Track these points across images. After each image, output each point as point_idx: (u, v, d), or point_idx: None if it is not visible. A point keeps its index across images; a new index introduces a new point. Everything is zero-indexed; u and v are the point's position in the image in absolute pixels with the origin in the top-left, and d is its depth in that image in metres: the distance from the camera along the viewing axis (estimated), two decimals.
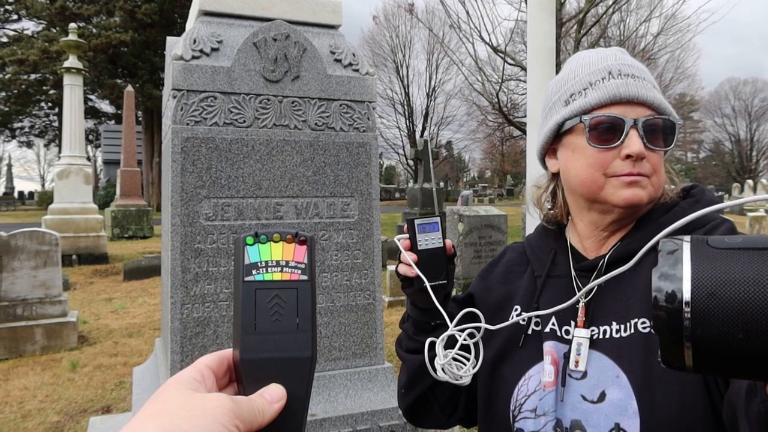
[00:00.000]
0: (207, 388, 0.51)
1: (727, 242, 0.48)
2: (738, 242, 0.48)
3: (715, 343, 0.45)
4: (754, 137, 51.82)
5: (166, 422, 0.44)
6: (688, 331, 0.46)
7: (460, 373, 0.99)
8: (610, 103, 0.95)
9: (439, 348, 1.00)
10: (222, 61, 2.32)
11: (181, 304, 2.22)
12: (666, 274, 0.48)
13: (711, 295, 0.45)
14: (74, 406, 4.58)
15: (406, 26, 38.06)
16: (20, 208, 39.53)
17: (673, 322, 0.47)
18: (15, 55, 28.52)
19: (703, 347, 0.46)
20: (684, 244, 0.49)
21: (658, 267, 0.49)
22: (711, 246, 0.48)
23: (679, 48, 25.40)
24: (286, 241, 0.56)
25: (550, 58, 3.92)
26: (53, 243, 6.07)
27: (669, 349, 0.48)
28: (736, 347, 0.45)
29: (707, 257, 0.47)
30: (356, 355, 2.48)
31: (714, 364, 0.47)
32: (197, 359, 0.55)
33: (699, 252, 0.48)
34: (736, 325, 0.44)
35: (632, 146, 0.93)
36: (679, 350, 0.47)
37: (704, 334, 0.45)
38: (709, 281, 0.46)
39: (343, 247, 2.46)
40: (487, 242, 7.91)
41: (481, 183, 52.96)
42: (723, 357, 0.46)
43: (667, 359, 0.49)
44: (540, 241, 1.14)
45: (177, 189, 2.23)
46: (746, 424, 0.70)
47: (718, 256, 0.47)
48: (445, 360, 0.98)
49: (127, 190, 16.25)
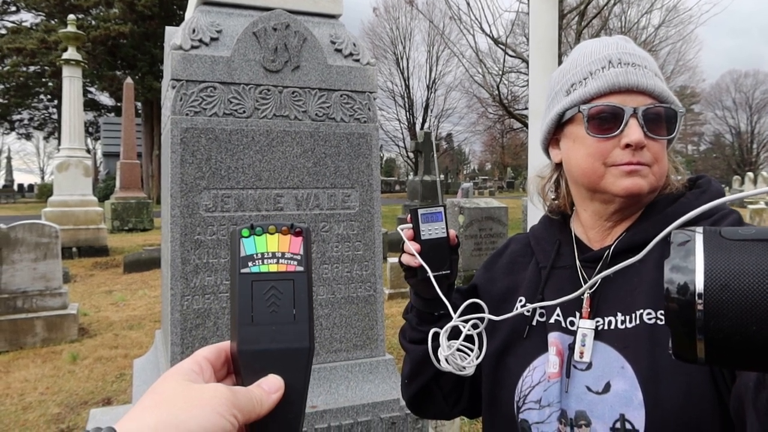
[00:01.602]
0: (205, 379, 0.51)
1: (740, 233, 0.47)
2: (752, 233, 0.47)
3: (728, 335, 0.45)
4: (755, 130, 51.80)
5: (164, 413, 0.44)
6: (701, 323, 0.45)
7: (464, 363, 0.99)
8: (609, 92, 0.94)
9: (443, 339, 0.99)
10: (221, 50, 2.30)
11: (181, 296, 2.21)
12: (678, 266, 0.47)
13: (724, 287, 0.44)
14: (75, 399, 4.59)
15: (406, 18, 38.00)
16: (20, 200, 39.52)
17: (685, 314, 0.46)
18: (13, 44, 28.42)
19: (715, 339, 0.45)
20: (696, 235, 0.48)
21: (670, 259, 0.48)
22: (724, 237, 0.47)
23: (681, 40, 25.37)
24: (282, 232, 0.56)
25: (552, 49, 3.89)
26: (53, 235, 6.06)
27: (681, 341, 0.47)
28: (750, 339, 0.44)
29: (720, 248, 0.46)
30: (357, 346, 2.47)
31: (726, 356, 0.46)
32: (195, 351, 0.55)
33: (712, 243, 0.47)
34: (750, 317, 0.44)
35: (631, 135, 0.92)
36: (692, 343, 0.46)
37: (717, 326, 0.45)
38: (722, 273, 0.45)
39: (343, 239, 2.45)
40: (488, 234, 7.91)
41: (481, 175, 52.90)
42: (735, 349, 0.45)
43: (679, 352, 0.48)
44: (544, 231, 1.13)
45: (176, 180, 2.22)
46: (754, 416, 0.69)
47: (732, 247, 0.46)
48: (449, 351, 0.98)
49: (127, 182, 16.24)
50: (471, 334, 1.01)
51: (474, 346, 1.00)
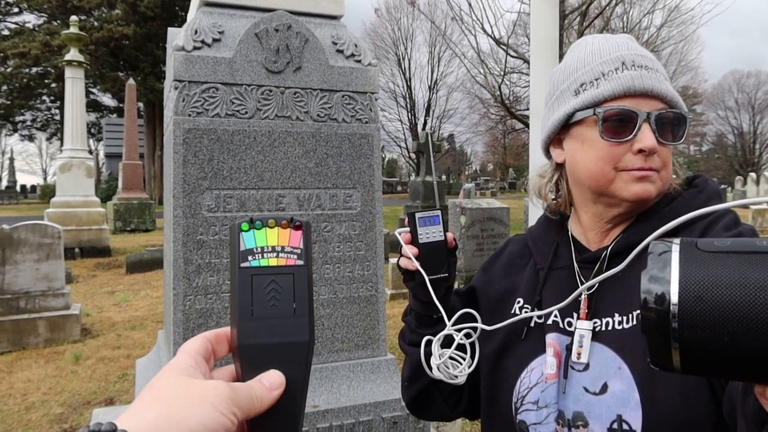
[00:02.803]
0: (201, 373, 0.51)
1: (716, 245, 0.48)
2: (726, 245, 0.48)
3: (701, 345, 0.46)
4: (758, 130, 51.64)
5: (164, 409, 0.44)
6: (676, 333, 0.46)
7: (455, 372, 0.99)
8: (623, 95, 0.93)
9: (435, 347, 0.99)
10: (224, 51, 2.31)
11: (183, 296, 2.22)
12: (655, 277, 0.48)
13: (698, 299, 0.45)
14: (78, 398, 4.60)
15: (408, 18, 37.98)
16: (23, 201, 39.58)
17: (661, 323, 0.47)
18: (17, 48, 28.46)
19: (690, 349, 0.46)
20: (674, 246, 0.49)
21: (648, 269, 0.49)
22: (700, 249, 0.48)
23: (683, 40, 25.31)
24: (282, 226, 0.56)
25: (554, 49, 3.90)
26: (56, 236, 6.08)
27: (658, 350, 0.48)
28: (722, 350, 0.45)
29: (695, 260, 0.47)
30: (359, 346, 2.48)
31: (701, 365, 0.47)
32: (184, 343, 0.54)
33: (687, 255, 0.48)
34: (723, 328, 0.45)
35: (645, 141, 0.90)
36: (668, 352, 0.48)
37: (691, 337, 0.46)
38: (696, 284, 0.46)
39: (345, 239, 2.46)
40: (490, 235, 7.91)
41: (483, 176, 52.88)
42: (710, 359, 0.46)
43: (656, 360, 0.49)
44: (542, 232, 1.13)
45: (179, 180, 2.22)
46: (743, 420, 0.70)
47: (707, 259, 0.47)
48: (441, 360, 0.98)
49: (129, 183, 16.27)
50: (464, 343, 1.01)
51: (467, 354, 1.01)
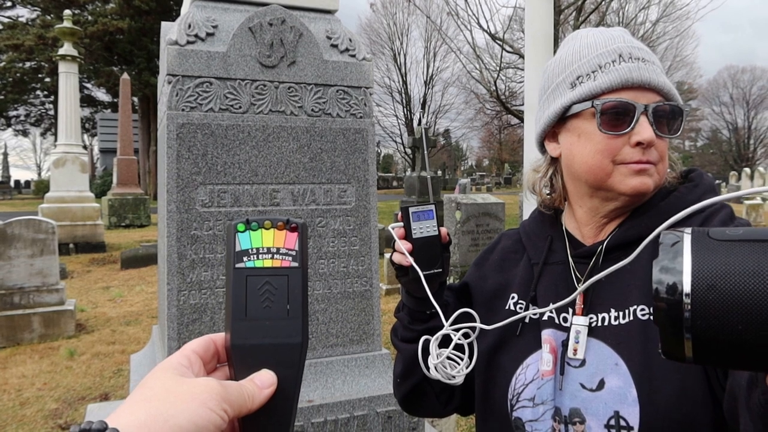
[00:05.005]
0: (194, 372, 0.51)
1: (728, 234, 0.48)
2: (739, 234, 0.47)
3: (714, 334, 0.45)
4: (752, 125, 51.81)
5: (154, 407, 0.44)
6: (689, 323, 0.46)
7: (453, 372, 0.98)
8: (620, 87, 0.92)
9: (433, 347, 0.99)
10: (217, 46, 2.30)
11: (177, 291, 2.21)
12: (667, 267, 0.48)
13: (711, 288, 0.45)
14: (72, 394, 4.59)
15: (403, 13, 37.89)
16: (17, 197, 39.41)
17: (673, 314, 0.47)
18: (11, 40, 28.26)
19: (702, 339, 0.46)
20: (685, 236, 0.49)
21: (659, 260, 0.49)
22: (712, 238, 0.48)
23: (678, 36, 25.33)
24: (277, 228, 0.56)
25: (548, 43, 3.89)
26: (50, 231, 6.05)
27: (669, 340, 0.48)
28: (736, 339, 0.45)
29: (708, 249, 0.47)
30: (353, 341, 2.48)
31: (714, 355, 0.47)
32: (184, 344, 0.55)
33: (700, 244, 0.48)
34: (736, 317, 0.44)
35: (643, 133, 0.90)
36: (680, 342, 0.47)
37: (704, 326, 0.46)
38: (709, 273, 0.46)
39: (340, 234, 2.45)
40: (485, 230, 7.91)
41: (478, 171, 52.93)
42: (722, 349, 0.46)
43: (668, 351, 0.49)
44: (536, 227, 1.12)
45: (172, 175, 2.21)
46: (747, 415, 0.69)
47: (719, 248, 0.47)
48: (438, 360, 0.98)
49: (124, 178, 16.20)
50: (462, 343, 1.00)
51: (464, 354, 1.00)
